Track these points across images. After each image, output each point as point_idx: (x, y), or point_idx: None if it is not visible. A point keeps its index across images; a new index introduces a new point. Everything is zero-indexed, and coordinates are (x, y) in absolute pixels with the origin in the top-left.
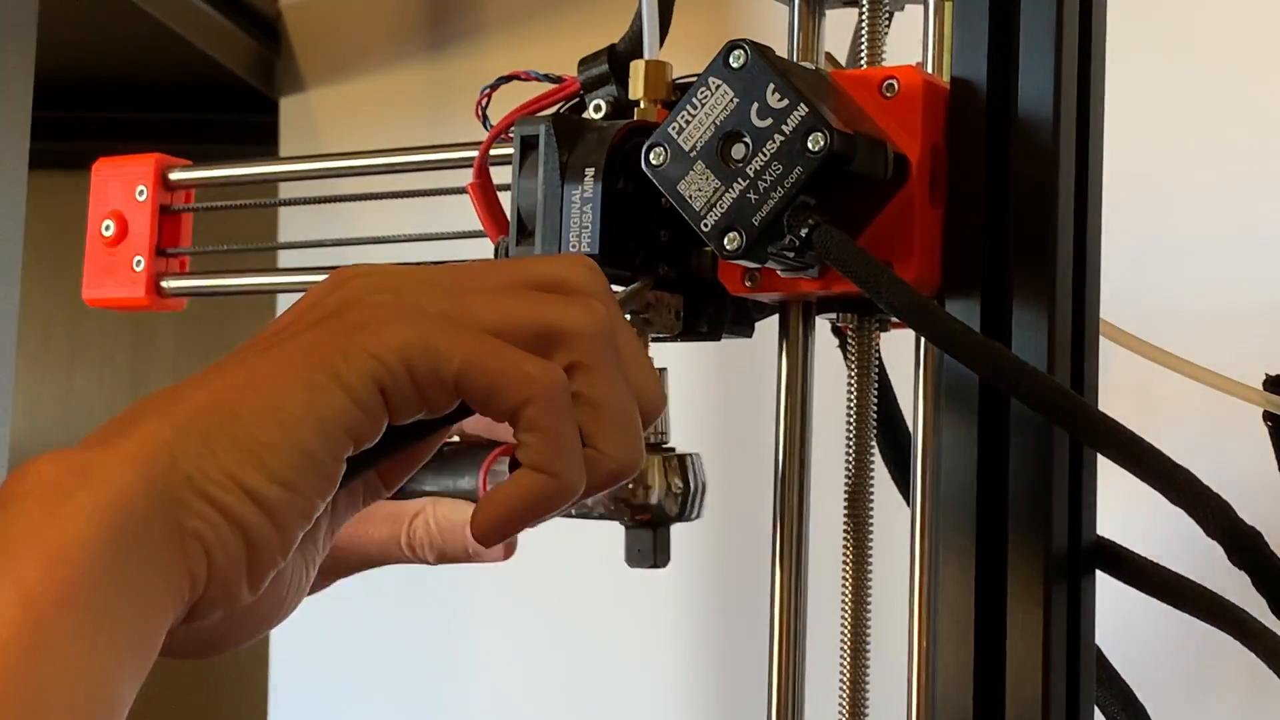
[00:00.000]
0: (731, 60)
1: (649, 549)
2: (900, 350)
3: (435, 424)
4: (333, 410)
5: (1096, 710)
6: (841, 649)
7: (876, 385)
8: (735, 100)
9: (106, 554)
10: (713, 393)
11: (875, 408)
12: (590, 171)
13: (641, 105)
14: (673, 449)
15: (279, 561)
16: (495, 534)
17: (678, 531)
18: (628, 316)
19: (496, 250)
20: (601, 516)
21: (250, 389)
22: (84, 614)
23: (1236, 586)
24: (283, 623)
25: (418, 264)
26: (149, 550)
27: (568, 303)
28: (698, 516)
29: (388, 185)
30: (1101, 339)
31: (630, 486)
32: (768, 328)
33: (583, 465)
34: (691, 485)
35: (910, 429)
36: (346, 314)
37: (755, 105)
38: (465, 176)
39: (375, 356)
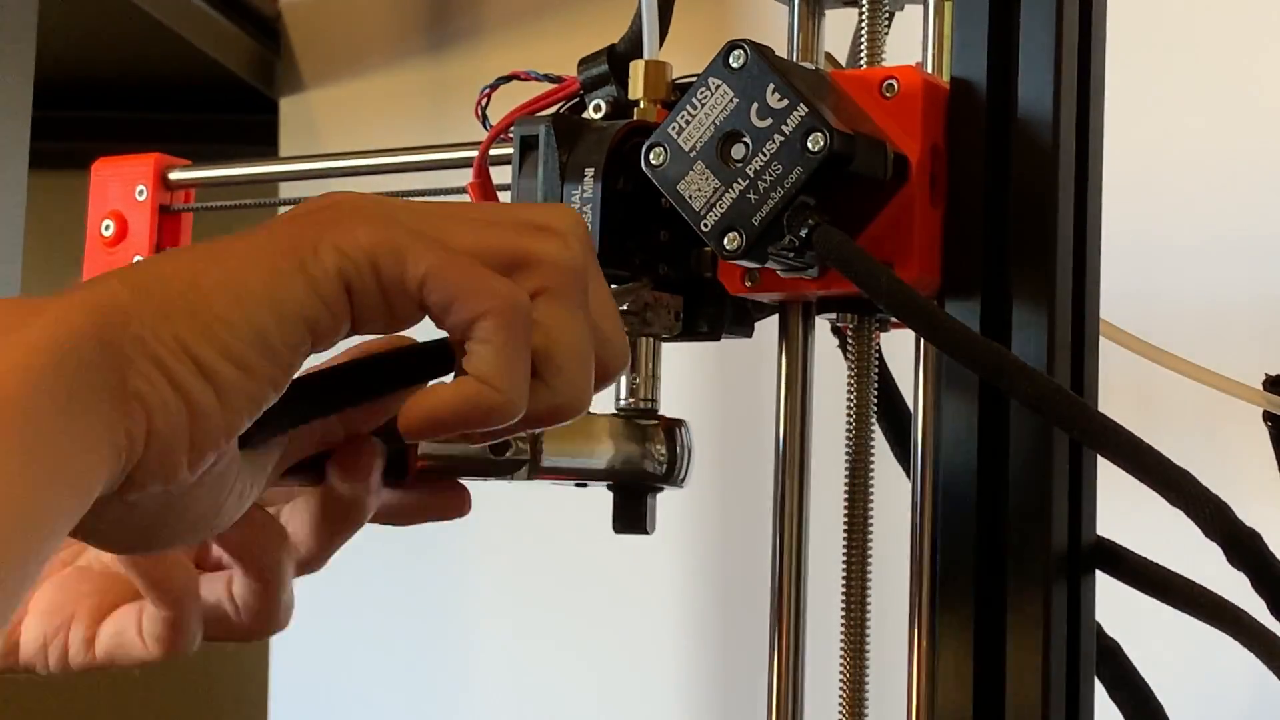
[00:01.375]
0: (731, 60)
1: (637, 514)
2: (900, 350)
3: (405, 376)
4: (293, 297)
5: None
6: (842, 649)
7: (876, 384)
8: (735, 100)
9: (48, 385)
10: (713, 392)
11: (875, 407)
12: (590, 171)
13: (641, 105)
14: (659, 416)
15: (221, 443)
16: (422, 429)
17: (676, 532)
18: (623, 312)
19: None
20: (580, 477)
21: (215, 266)
22: (19, 439)
23: (1236, 587)
24: (286, 631)
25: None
26: (91, 395)
27: (544, 236)
28: (683, 483)
29: (388, 185)
30: (1101, 339)
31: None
32: (768, 328)
33: (527, 389)
34: (678, 453)
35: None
36: (323, 214)
37: (755, 105)
38: (465, 176)
39: (343, 252)
